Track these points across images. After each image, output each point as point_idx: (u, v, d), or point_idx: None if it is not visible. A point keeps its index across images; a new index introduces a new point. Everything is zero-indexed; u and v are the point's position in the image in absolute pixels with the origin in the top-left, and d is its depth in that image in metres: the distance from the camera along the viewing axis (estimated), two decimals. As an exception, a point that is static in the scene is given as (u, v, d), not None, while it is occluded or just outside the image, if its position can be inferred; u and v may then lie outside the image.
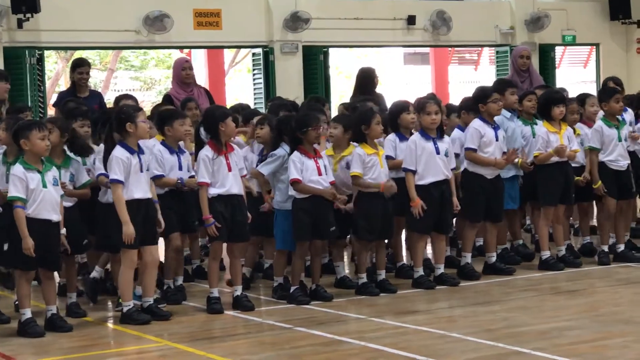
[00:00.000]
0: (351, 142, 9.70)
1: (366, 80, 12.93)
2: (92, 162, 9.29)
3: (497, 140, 10.19)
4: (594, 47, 20.50)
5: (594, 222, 11.65)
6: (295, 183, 9.15)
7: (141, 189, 8.60)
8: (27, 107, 11.30)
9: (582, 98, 11.39)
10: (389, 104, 12.11)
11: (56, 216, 8.32)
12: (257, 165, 9.71)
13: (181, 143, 9.58)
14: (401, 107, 10.19)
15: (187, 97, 11.56)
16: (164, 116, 9.59)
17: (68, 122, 9.21)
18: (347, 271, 10.26)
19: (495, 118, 10.76)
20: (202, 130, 9.14)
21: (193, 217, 9.47)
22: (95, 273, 9.51)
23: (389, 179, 9.56)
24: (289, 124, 9.39)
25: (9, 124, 8.99)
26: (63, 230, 8.43)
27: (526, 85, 13.10)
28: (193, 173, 9.35)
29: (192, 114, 10.60)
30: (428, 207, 9.64)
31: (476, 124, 10.22)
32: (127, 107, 8.87)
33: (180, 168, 9.41)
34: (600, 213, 11.07)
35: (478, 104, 10.26)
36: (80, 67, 12.60)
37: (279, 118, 9.78)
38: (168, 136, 9.43)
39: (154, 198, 8.80)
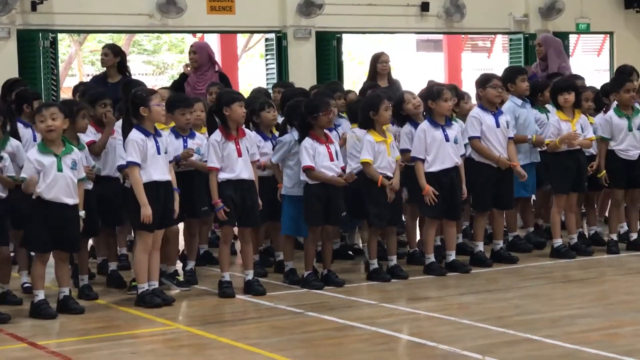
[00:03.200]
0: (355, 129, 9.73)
1: (371, 65, 12.93)
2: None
3: (498, 126, 10.14)
4: (608, 35, 20.43)
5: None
6: (308, 170, 9.15)
7: (159, 171, 8.61)
8: (37, 95, 11.07)
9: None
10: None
11: (72, 200, 8.34)
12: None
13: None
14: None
15: None
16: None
17: (76, 106, 9.13)
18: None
19: (506, 105, 10.75)
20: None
21: (203, 203, 9.48)
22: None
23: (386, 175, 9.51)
24: (299, 110, 9.40)
25: None
26: (82, 213, 8.46)
27: (545, 73, 13.08)
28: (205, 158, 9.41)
29: None
30: (440, 194, 9.63)
31: (474, 111, 10.18)
32: (140, 91, 8.85)
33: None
34: (610, 202, 11.07)
35: (478, 90, 10.24)
36: (103, 49, 12.43)
37: (289, 104, 9.77)
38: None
39: (173, 185, 8.78)
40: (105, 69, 12.25)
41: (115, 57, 12.11)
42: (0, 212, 8.45)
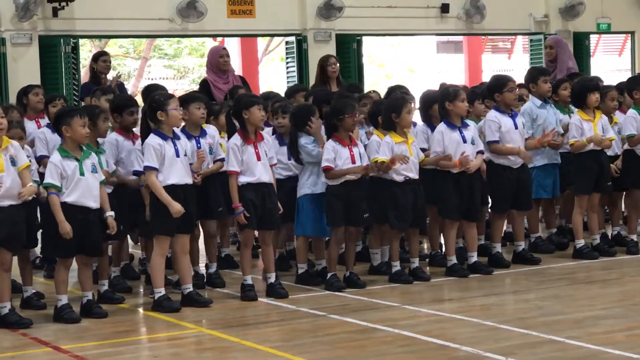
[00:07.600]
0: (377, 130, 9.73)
1: (319, 69, 13.23)
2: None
3: (516, 128, 10.11)
4: (629, 35, 20.33)
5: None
6: (326, 170, 9.17)
7: (177, 175, 8.61)
8: (60, 96, 11.45)
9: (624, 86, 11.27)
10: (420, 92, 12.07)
11: (94, 203, 8.37)
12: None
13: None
14: (433, 98, 10.19)
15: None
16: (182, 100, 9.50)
17: (98, 111, 9.15)
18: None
19: (525, 105, 10.73)
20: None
21: (218, 204, 9.48)
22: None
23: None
24: (304, 115, 9.39)
25: None
26: (111, 213, 8.49)
27: (556, 75, 13.11)
28: (217, 157, 9.48)
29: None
30: (458, 195, 9.64)
31: (492, 115, 10.13)
32: (158, 96, 8.85)
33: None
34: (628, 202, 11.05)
35: (494, 94, 10.18)
36: (104, 56, 13.14)
37: (292, 111, 9.69)
38: (185, 120, 9.36)
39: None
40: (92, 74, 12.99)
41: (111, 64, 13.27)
42: (26, 215, 8.49)
